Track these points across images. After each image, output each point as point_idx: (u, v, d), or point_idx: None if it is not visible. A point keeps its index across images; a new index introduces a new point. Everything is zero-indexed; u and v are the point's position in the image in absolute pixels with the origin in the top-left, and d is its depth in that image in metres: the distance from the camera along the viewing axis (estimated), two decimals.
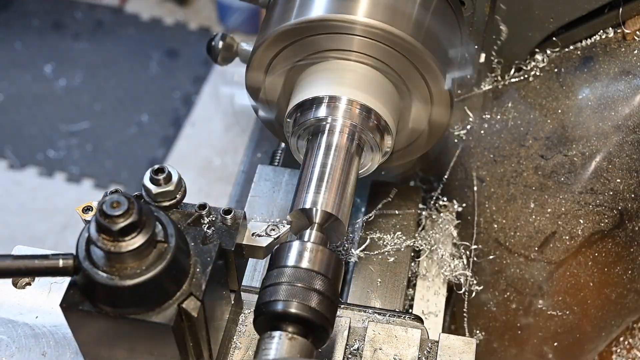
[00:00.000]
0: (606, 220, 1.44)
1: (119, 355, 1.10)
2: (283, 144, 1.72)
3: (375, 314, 1.28)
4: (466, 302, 1.48)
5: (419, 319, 1.29)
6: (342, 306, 1.29)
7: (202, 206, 1.12)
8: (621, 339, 1.65)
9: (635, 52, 1.44)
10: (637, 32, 1.45)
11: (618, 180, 1.43)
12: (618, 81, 1.44)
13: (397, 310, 1.35)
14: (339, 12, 1.24)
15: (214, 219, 1.12)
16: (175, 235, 1.00)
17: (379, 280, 1.43)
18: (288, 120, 1.31)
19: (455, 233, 1.53)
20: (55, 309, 1.12)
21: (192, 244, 1.07)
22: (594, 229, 1.45)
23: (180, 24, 4.60)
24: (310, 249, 1.11)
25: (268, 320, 1.07)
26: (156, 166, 1.10)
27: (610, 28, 1.48)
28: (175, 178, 1.10)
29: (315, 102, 1.28)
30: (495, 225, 1.51)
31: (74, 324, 1.06)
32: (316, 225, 1.17)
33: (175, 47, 4.45)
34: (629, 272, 1.49)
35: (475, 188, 1.53)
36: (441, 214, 1.54)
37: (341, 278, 1.15)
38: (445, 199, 1.56)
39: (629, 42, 1.46)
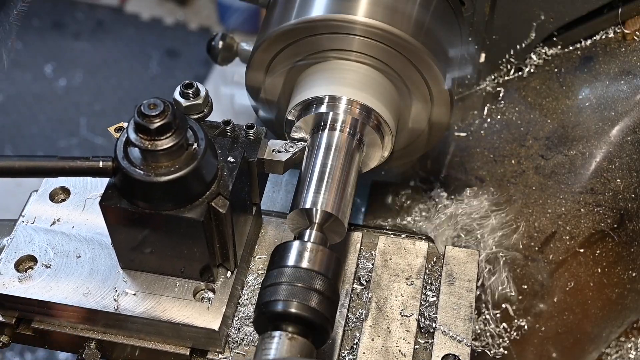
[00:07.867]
0: (606, 220, 1.44)
1: (150, 260, 1.18)
2: None
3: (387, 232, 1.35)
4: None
5: (429, 239, 1.35)
6: (353, 227, 1.35)
7: (227, 122, 1.20)
8: (622, 339, 1.65)
9: (635, 52, 1.44)
10: (637, 32, 1.45)
11: (618, 180, 1.43)
12: (618, 81, 1.44)
13: (406, 230, 1.42)
14: (339, 12, 1.24)
15: (238, 133, 1.19)
16: (205, 139, 1.09)
17: None
18: (288, 120, 1.31)
19: (455, 233, 1.52)
20: (90, 221, 1.26)
21: (219, 151, 1.15)
22: (594, 229, 1.45)
23: (180, 24, 4.60)
24: (310, 249, 1.11)
25: (268, 320, 1.07)
26: (186, 81, 1.18)
27: (610, 28, 1.48)
28: (203, 93, 1.17)
29: (316, 102, 1.28)
30: None
31: (111, 222, 1.14)
32: (316, 225, 1.17)
33: (175, 47, 4.46)
34: (629, 272, 1.49)
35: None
36: (441, 214, 1.54)
37: (341, 278, 1.14)
38: (445, 198, 1.56)
39: (629, 42, 1.46)
